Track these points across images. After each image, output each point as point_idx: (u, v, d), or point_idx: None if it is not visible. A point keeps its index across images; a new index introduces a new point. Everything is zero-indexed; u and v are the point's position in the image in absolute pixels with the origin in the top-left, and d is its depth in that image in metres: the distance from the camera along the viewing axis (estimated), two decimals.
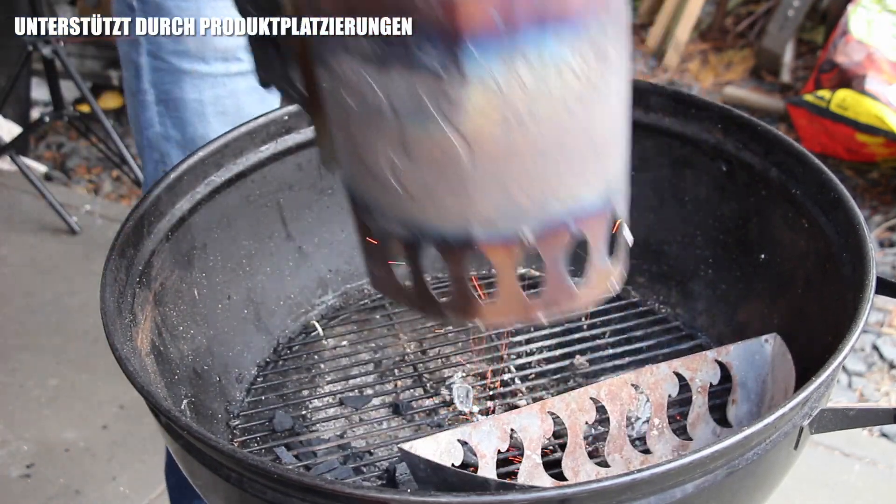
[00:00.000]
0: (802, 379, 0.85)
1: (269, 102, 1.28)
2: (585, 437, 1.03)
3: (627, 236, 0.81)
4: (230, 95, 1.34)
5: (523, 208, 0.71)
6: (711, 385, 1.04)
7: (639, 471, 0.76)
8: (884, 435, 1.88)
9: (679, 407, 1.07)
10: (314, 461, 1.05)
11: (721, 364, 1.04)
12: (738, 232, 1.19)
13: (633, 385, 1.04)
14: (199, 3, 1.25)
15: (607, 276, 0.79)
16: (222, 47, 1.31)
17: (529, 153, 0.69)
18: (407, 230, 0.75)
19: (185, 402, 1.05)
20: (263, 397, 1.16)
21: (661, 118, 1.22)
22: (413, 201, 0.72)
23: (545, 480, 0.99)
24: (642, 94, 1.22)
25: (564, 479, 0.99)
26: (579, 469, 1.00)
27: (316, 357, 1.22)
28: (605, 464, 1.02)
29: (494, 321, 0.78)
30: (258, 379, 1.19)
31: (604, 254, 0.77)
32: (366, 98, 0.67)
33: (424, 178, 0.70)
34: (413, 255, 0.75)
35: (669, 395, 1.03)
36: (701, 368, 1.03)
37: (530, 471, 0.99)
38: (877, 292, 0.95)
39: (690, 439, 1.05)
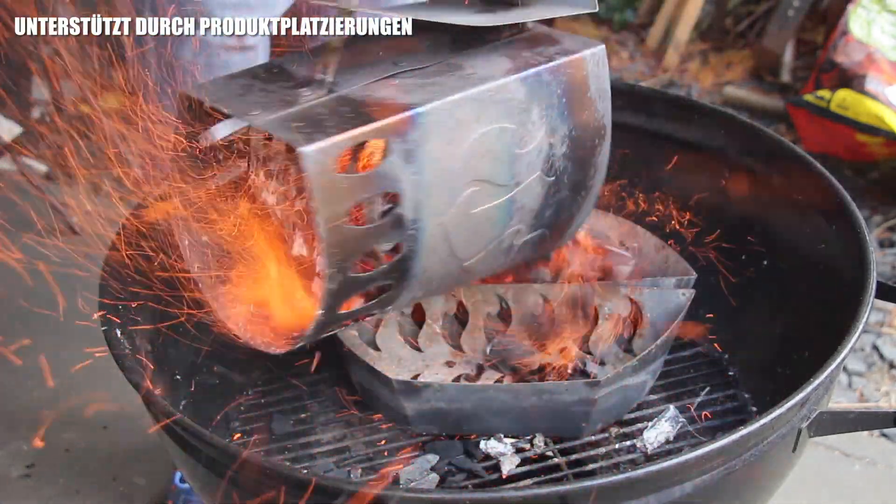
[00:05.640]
0: (802, 382, 0.85)
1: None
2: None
3: None
4: (223, 66, 1.31)
5: None
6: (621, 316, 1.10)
7: (634, 470, 0.77)
8: (884, 435, 1.88)
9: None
10: (311, 464, 1.05)
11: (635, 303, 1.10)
12: (740, 238, 1.19)
13: (541, 295, 1.10)
14: None
15: None
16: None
17: None
18: None
19: (183, 402, 1.05)
20: (263, 401, 1.16)
21: (664, 124, 1.21)
22: None
23: (443, 346, 1.10)
24: (645, 100, 1.22)
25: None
26: (476, 346, 1.10)
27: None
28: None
29: None
30: (258, 383, 1.19)
31: None
32: None
33: None
34: None
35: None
36: (611, 299, 1.10)
37: (430, 335, 1.11)
38: (877, 297, 0.95)
39: (590, 353, 1.09)
